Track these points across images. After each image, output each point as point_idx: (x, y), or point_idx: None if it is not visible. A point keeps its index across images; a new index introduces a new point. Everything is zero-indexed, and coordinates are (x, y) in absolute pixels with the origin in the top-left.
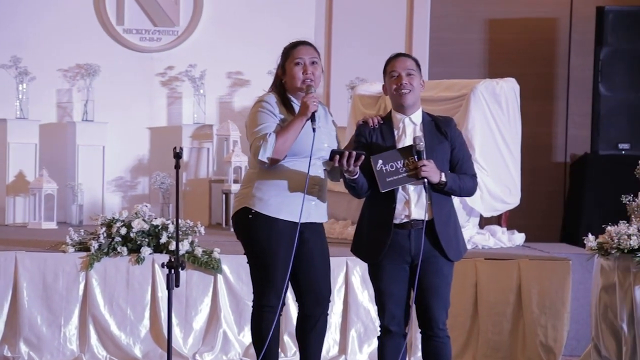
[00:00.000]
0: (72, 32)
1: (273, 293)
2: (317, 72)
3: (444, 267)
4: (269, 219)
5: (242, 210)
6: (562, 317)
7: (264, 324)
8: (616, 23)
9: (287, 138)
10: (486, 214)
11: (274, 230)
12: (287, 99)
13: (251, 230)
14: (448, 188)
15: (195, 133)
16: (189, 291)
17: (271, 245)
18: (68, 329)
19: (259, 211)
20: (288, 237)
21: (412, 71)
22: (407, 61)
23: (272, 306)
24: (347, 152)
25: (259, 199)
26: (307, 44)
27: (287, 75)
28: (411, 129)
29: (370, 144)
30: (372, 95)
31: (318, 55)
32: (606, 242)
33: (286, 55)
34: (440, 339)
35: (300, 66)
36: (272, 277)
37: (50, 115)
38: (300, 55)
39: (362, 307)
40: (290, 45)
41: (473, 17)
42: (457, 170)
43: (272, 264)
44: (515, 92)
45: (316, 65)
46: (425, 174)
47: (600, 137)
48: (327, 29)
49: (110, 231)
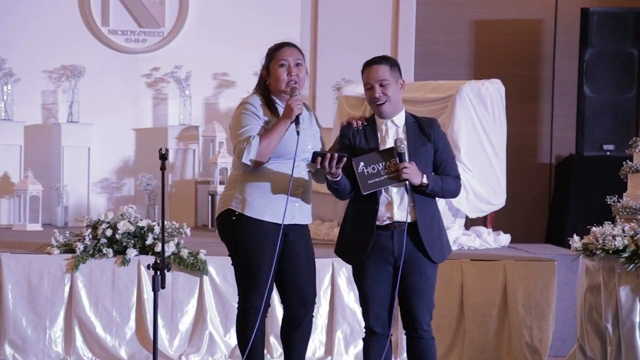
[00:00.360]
0: (57, 33)
1: (257, 295)
2: (302, 74)
3: (428, 268)
4: (253, 221)
5: (226, 212)
6: (547, 318)
7: (249, 326)
8: (601, 24)
9: (271, 141)
10: (472, 215)
11: (258, 232)
12: (271, 101)
13: (235, 232)
14: (430, 190)
15: (181, 134)
16: (175, 293)
17: (255, 247)
18: (53, 331)
19: (243, 213)
20: (272, 239)
21: (385, 81)
22: (379, 70)
23: (257, 308)
24: (329, 154)
25: (243, 200)
26: (292, 45)
27: (272, 77)
28: (394, 131)
29: (354, 145)
30: (357, 97)
31: (302, 57)
32: (591, 243)
33: (270, 56)
34: (425, 340)
35: (285, 68)
36: (256, 279)
37: (35, 117)
38: (285, 57)
39: (348, 308)
40: (274, 47)
41: (458, 19)
42: (441, 172)
43: (256, 266)
44: (500, 93)
45: (300, 67)
46: (406, 176)
47: (585, 138)
48: (312, 30)
49: (96, 233)
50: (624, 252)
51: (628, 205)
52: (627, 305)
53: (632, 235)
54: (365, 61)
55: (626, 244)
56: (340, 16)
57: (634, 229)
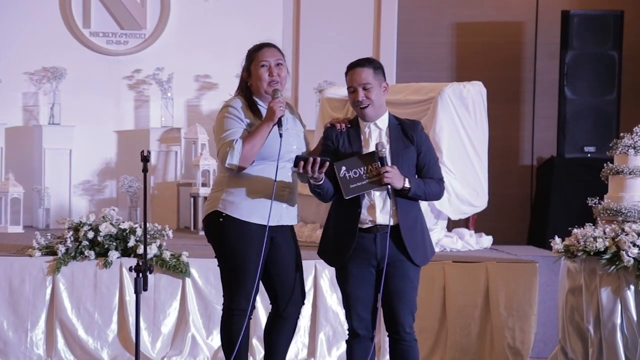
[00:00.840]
0: (38, 35)
1: (243, 296)
2: (283, 74)
3: (410, 271)
4: (239, 223)
5: (212, 214)
6: (529, 320)
7: (234, 327)
8: (581, 27)
9: (254, 144)
10: (454, 217)
11: (244, 233)
12: (253, 103)
13: (222, 233)
14: (412, 194)
15: (163, 136)
16: (157, 295)
17: (242, 248)
18: (35, 334)
19: (230, 214)
20: (259, 241)
21: (368, 84)
22: (362, 73)
23: (242, 309)
24: (311, 158)
25: (229, 202)
26: (272, 45)
27: (253, 78)
28: (377, 134)
29: (337, 148)
30: (340, 99)
31: (283, 57)
32: (572, 245)
33: (251, 57)
34: (407, 342)
35: (266, 68)
36: (242, 281)
37: (16, 119)
38: (266, 58)
39: (331, 310)
40: (254, 48)
41: (440, 21)
42: (424, 175)
43: (242, 267)
44: (482, 95)
45: (281, 67)
46: (388, 180)
47: (567, 140)
48: (294, 33)
49: (78, 235)
50: (605, 253)
51: (609, 207)
52: (609, 307)
53: (613, 236)
54: (349, 63)
55: (607, 246)
56: (322, 18)
57: (615, 230)
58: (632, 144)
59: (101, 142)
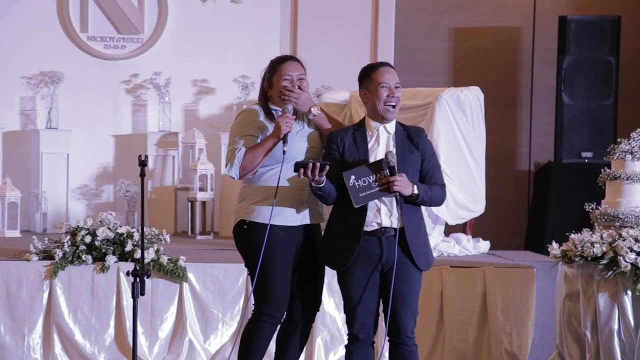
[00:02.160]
0: (35, 40)
1: (273, 302)
2: (304, 86)
3: (413, 275)
4: (263, 227)
5: (238, 224)
6: (526, 325)
7: (257, 333)
8: (578, 32)
9: (256, 155)
10: (451, 221)
11: (269, 236)
12: (270, 111)
13: (247, 240)
14: (420, 200)
15: (161, 141)
16: (155, 299)
17: (268, 251)
18: (32, 338)
19: (253, 220)
20: (285, 243)
21: (399, 84)
22: (395, 74)
23: (270, 315)
24: (311, 163)
25: (252, 209)
26: (295, 59)
27: (274, 89)
28: (385, 137)
29: (343, 151)
30: (337, 103)
31: (305, 71)
32: (570, 250)
33: (274, 69)
34: (408, 347)
35: (288, 82)
36: (271, 285)
37: (13, 123)
38: (289, 72)
39: (328, 315)
40: (277, 60)
41: (438, 26)
42: (427, 181)
43: (270, 271)
44: (479, 100)
45: (302, 81)
46: (397, 189)
47: (564, 146)
48: (292, 37)
49: (75, 239)
50: (602, 259)
51: (606, 212)
52: (606, 312)
53: (611, 242)
54: (375, 63)
55: (604, 251)
56: (320, 23)
57: (612, 236)
58: (629, 150)
59: (99, 147)
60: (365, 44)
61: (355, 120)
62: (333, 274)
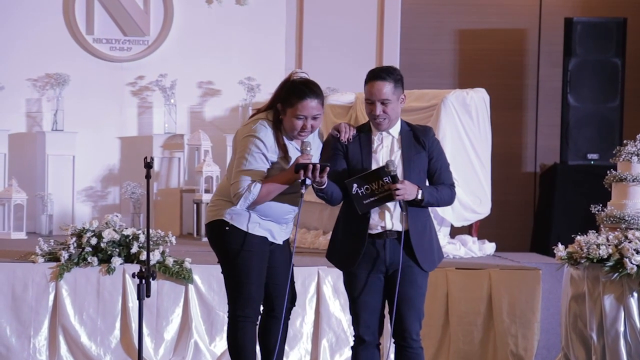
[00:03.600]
0: (41, 42)
1: (248, 303)
2: (317, 124)
3: (419, 277)
4: (244, 234)
5: (218, 222)
6: (532, 327)
7: (240, 334)
8: (584, 34)
9: (272, 191)
10: (457, 223)
11: (247, 242)
12: (281, 135)
13: (226, 241)
14: (425, 204)
15: (166, 143)
16: (160, 301)
17: (245, 257)
18: (38, 340)
19: (236, 225)
20: (261, 250)
21: (387, 100)
22: (383, 88)
23: (246, 316)
24: (311, 165)
25: (237, 214)
26: (315, 98)
27: (286, 120)
28: (389, 140)
29: (347, 152)
30: (343, 105)
31: (322, 109)
32: (576, 252)
33: (291, 102)
34: (414, 349)
35: (301, 121)
36: (245, 287)
37: (19, 125)
38: (304, 113)
39: (333, 316)
40: (299, 94)
41: (443, 28)
42: (435, 180)
43: (246, 274)
44: (485, 102)
45: (317, 119)
46: (399, 197)
47: (570, 148)
48: (297, 39)
49: (81, 241)
50: (608, 261)
51: (612, 214)
52: (612, 314)
53: (617, 244)
54: (371, 71)
55: (610, 253)
56: (326, 26)
57: (618, 237)
58: (635, 151)
59: (104, 149)
60: (370, 46)
61: (360, 122)
62: (338, 276)
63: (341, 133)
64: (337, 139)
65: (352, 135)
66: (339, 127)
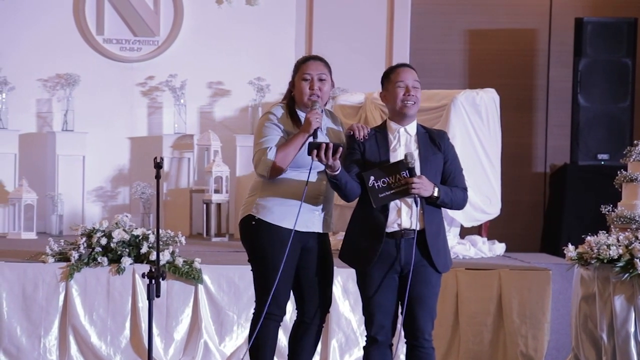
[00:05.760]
0: (51, 42)
1: (273, 300)
2: (325, 88)
3: (432, 277)
4: (271, 227)
5: (246, 218)
6: (542, 327)
7: (262, 330)
8: (594, 34)
9: (287, 153)
10: (467, 224)
11: (275, 237)
12: (294, 112)
13: (254, 237)
14: (440, 202)
15: (176, 143)
16: (170, 301)
17: (272, 252)
18: (48, 340)
19: (262, 218)
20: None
21: (417, 84)
22: (413, 73)
23: (271, 313)
24: (324, 144)
25: (262, 206)
26: (317, 59)
27: (296, 90)
28: (406, 139)
29: (364, 151)
30: (352, 105)
31: (328, 71)
32: (586, 252)
33: (296, 69)
34: (426, 349)
35: (308, 82)
36: (271, 285)
37: (30, 125)
38: (309, 71)
39: (343, 317)
40: (300, 60)
41: (453, 28)
42: (449, 183)
43: (272, 271)
44: (495, 102)
45: (324, 82)
46: (415, 191)
47: (580, 148)
48: (307, 39)
49: (91, 241)
50: (618, 261)
51: (622, 215)
52: (622, 315)
53: (627, 244)
54: (395, 64)
55: (621, 254)
56: (335, 25)
57: (629, 238)
58: None
59: (114, 149)
60: (380, 46)
61: (370, 122)
62: (349, 276)
63: (355, 132)
64: (353, 138)
65: (366, 132)
66: (352, 127)
